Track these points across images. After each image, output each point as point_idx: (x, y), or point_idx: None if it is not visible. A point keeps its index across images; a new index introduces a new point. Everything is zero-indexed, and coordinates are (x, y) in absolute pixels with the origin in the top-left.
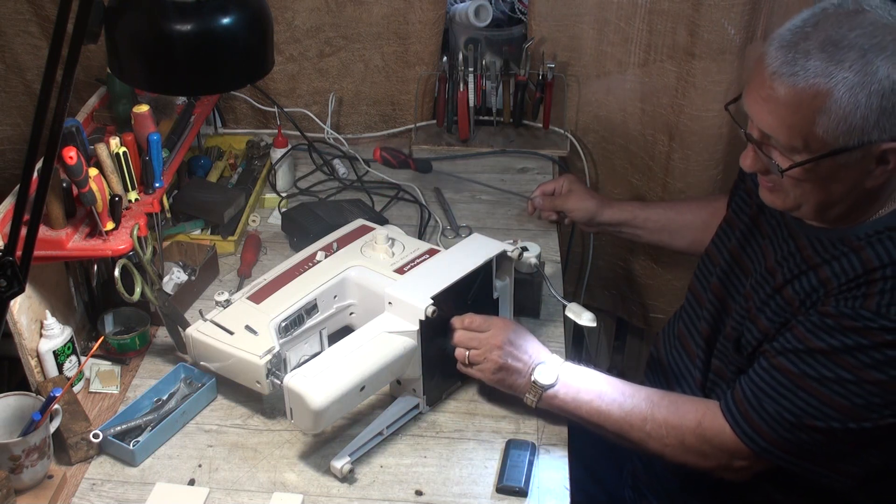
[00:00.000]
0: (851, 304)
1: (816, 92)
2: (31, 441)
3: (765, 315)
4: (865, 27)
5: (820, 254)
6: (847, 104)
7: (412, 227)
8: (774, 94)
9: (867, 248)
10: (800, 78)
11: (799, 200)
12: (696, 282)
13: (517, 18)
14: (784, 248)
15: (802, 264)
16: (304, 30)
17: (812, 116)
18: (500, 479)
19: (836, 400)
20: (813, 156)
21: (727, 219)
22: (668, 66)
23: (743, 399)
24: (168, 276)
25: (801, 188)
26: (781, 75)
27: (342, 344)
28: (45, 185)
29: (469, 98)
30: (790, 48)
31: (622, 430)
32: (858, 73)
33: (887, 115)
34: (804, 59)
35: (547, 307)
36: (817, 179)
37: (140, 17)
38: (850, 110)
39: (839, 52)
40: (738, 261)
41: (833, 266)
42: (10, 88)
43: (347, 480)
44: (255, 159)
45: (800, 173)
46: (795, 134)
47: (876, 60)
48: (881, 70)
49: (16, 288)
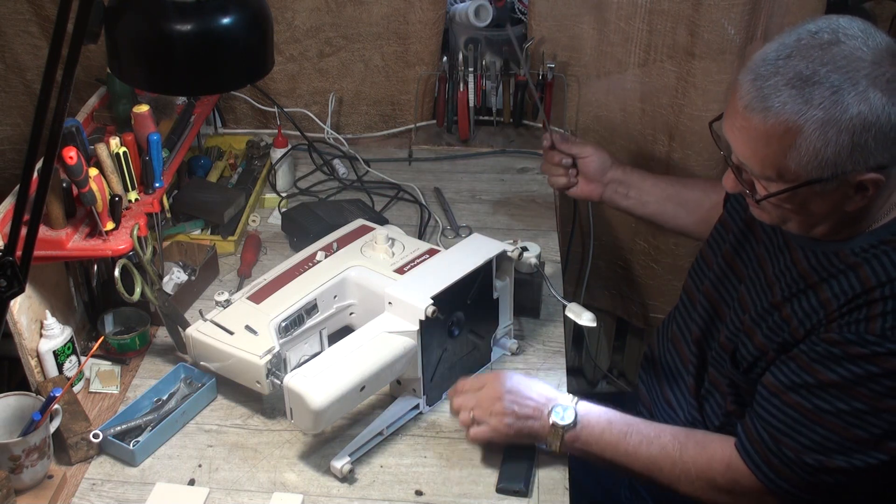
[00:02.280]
0: (855, 328)
1: (787, 128)
2: (31, 441)
3: (760, 330)
4: (838, 61)
5: (816, 270)
6: (817, 141)
7: (412, 227)
8: (747, 126)
9: (864, 266)
10: (770, 114)
11: (782, 219)
12: (690, 282)
13: (517, 18)
14: (780, 260)
15: (800, 281)
16: (304, 30)
17: (783, 151)
18: (500, 479)
19: (853, 433)
20: (786, 186)
21: (722, 219)
22: (668, 66)
23: (759, 441)
24: (168, 276)
25: (780, 211)
26: (753, 109)
27: (342, 344)
28: (45, 185)
29: (469, 98)
30: (762, 81)
31: (651, 472)
32: (828, 110)
33: (860, 149)
34: (775, 95)
35: (547, 307)
36: (793, 206)
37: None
38: (821, 146)
39: (809, 89)
40: (732, 265)
41: (832, 285)
42: (10, 88)
43: (347, 480)
44: (255, 159)
45: (775, 200)
46: (768, 165)
47: (846, 97)
48: (852, 108)
49: (16, 288)
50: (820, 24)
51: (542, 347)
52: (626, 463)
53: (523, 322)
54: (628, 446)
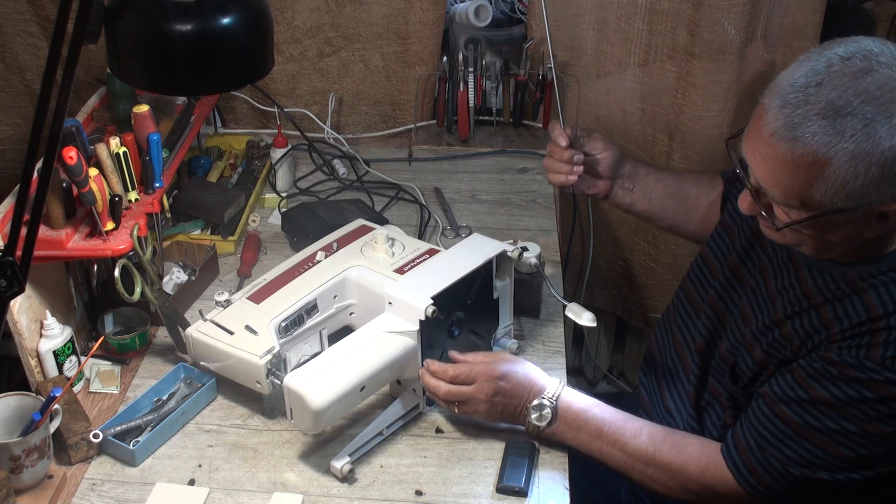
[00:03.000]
0: (855, 353)
1: (815, 160)
2: (31, 441)
3: (760, 346)
4: (872, 91)
5: (821, 291)
6: (846, 173)
7: (412, 227)
8: (773, 154)
9: (871, 292)
10: (798, 144)
11: (797, 242)
12: (690, 286)
13: (517, 18)
14: (784, 276)
15: (803, 299)
16: (304, 30)
17: (810, 181)
18: (500, 479)
19: (840, 451)
20: (809, 214)
21: (723, 223)
22: (668, 66)
23: (746, 448)
24: (168, 276)
25: (798, 235)
26: (781, 137)
27: (342, 344)
28: (45, 185)
29: (469, 98)
30: (792, 109)
31: (624, 469)
32: (860, 143)
33: (888, 182)
34: (804, 125)
35: (547, 307)
36: (812, 231)
37: (140, 17)
38: (849, 179)
39: (841, 120)
40: (738, 274)
41: (836, 307)
42: (10, 88)
43: (347, 480)
44: (255, 159)
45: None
46: (792, 195)
47: (880, 130)
48: (884, 141)
49: (16, 288)
50: (850, 49)
51: (542, 347)
52: (602, 460)
53: (523, 322)
54: (603, 445)
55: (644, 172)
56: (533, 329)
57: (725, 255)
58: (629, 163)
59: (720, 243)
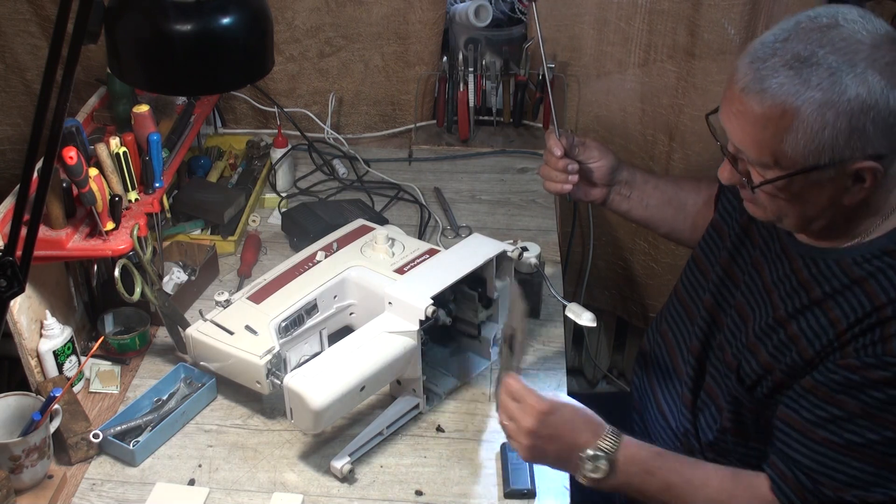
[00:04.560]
0: (872, 350)
1: (784, 110)
2: (31, 441)
3: (765, 347)
4: (837, 43)
5: (818, 281)
6: (815, 123)
7: (412, 227)
8: (743, 109)
9: (870, 280)
10: (767, 95)
11: (777, 213)
12: (684, 292)
13: (517, 18)
14: (778, 267)
15: (802, 292)
16: (304, 30)
17: (780, 134)
18: (506, 483)
19: (889, 461)
20: (783, 173)
21: (714, 223)
22: (668, 66)
23: (798, 485)
24: (168, 276)
25: (776, 203)
26: (750, 91)
27: (342, 344)
28: (45, 185)
29: (469, 98)
30: (760, 63)
31: None
32: (826, 91)
33: (858, 133)
34: (772, 76)
35: (547, 307)
36: (790, 196)
37: (140, 17)
38: (818, 129)
39: (807, 70)
40: (729, 271)
41: (839, 302)
42: (10, 88)
43: (347, 480)
44: (255, 159)
45: (772, 189)
46: (765, 150)
47: (845, 79)
48: (850, 89)
49: (16, 288)
50: (819, 10)
51: (542, 347)
52: None
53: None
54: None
55: (642, 180)
56: (533, 329)
57: (716, 254)
58: (626, 170)
59: (710, 244)
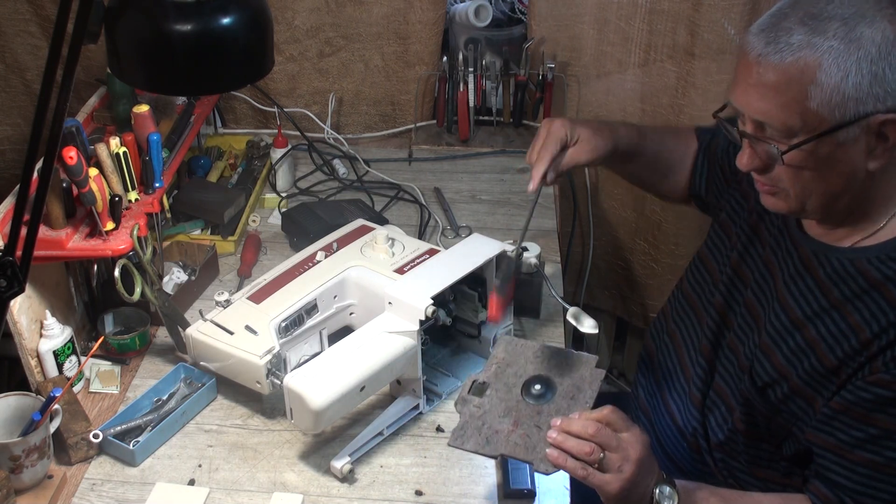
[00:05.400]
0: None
1: (805, 65)
2: (31, 441)
3: (780, 351)
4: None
5: (835, 282)
6: (837, 73)
7: (412, 227)
8: (763, 78)
9: (889, 285)
10: (786, 54)
11: (802, 197)
12: (689, 288)
13: (517, 18)
14: (790, 264)
15: (818, 293)
16: (304, 30)
17: (804, 91)
18: (506, 483)
19: None
20: (811, 135)
21: (721, 223)
22: (668, 66)
23: None
24: (168, 276)
25: (801, 180)
26: (767, 55)
27: (342, 344)
28: (45, 185)
29: (469, 98)
30: (771, 29)
31: None
32: (843, 40)
33: (879, 81)
34: (787, 36)
35: (547, 307)
36: (817, 164)
37: (140, 17)
38: (841, 78)
39: (820, 24)
40: (739, 272)
41: (858, 307)
42: (10, 88)
43: (347, 480)
44: (255, 159)
45: (799, 158)
46: (791, 113)
47: (858, 27)
48: (865, 35)
49: (16, 288)
50: None
51: None
52: None
53: (523, 322)
54: None
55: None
56: (533, 329)
57: (725, 253)
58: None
59: (718, 244)
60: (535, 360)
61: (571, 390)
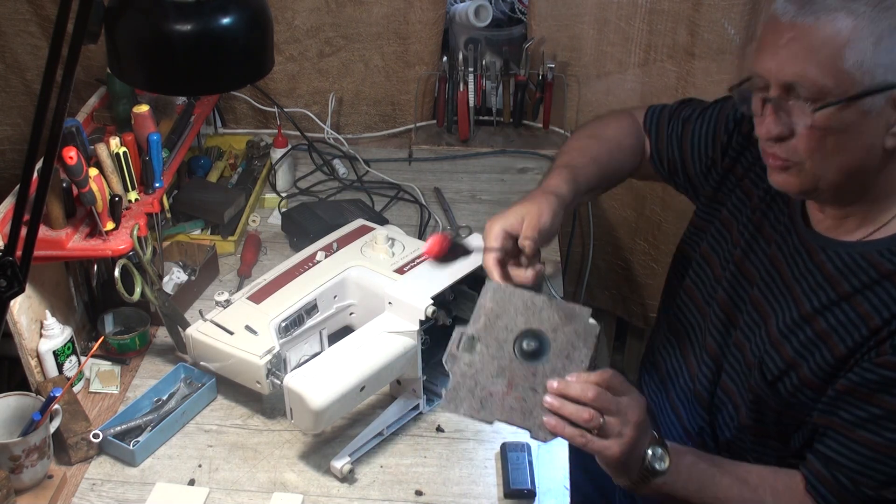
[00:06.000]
0: None
1: (841, 25)
2: (31, 441)
3: (790, 344)
4: None
5: (845, 275)
6: (869, 37)
7: (412, 227)
8: (797, 37)
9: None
10: (821, 14)
11: (817, 171)
12: (693, 286)
13: (517, 18)
14: (799, 262)
15: (828, 287)
16: (304, 30)
17: (839, 51)
18: (506, 483)
19: None
20: (842, 97)
21: (723, 220)
22: (668, 66)
23: (837, 486)
24: (168, 276)
25: (821, 149)
26: (802, 15)
27: (342, 344)
28: (45, 185)
29: (469, 98)
30: None
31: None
32: (876, 7)
33: None
34: None
35: None
36: (840, 132)
37: (140, 17)
38: (873, 43)
39: None
40: (743, 269)
41: (868, 297)
42: (10, 88)
43: (347, 480)
44: (255, 159)
45: (827, 119)
46: (826, 73)
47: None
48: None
49: (16, 288)
50: None
51: None
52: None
53: None
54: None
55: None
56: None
57: (728, 251)
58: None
59: (720, 241)
60: (526, 311)
61: (566, 347)
